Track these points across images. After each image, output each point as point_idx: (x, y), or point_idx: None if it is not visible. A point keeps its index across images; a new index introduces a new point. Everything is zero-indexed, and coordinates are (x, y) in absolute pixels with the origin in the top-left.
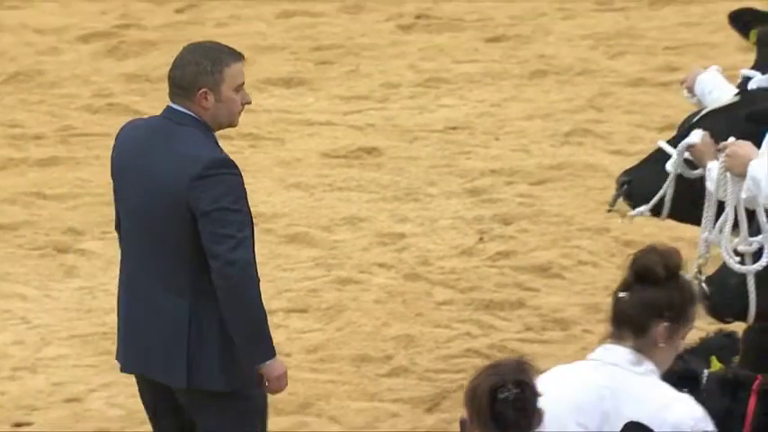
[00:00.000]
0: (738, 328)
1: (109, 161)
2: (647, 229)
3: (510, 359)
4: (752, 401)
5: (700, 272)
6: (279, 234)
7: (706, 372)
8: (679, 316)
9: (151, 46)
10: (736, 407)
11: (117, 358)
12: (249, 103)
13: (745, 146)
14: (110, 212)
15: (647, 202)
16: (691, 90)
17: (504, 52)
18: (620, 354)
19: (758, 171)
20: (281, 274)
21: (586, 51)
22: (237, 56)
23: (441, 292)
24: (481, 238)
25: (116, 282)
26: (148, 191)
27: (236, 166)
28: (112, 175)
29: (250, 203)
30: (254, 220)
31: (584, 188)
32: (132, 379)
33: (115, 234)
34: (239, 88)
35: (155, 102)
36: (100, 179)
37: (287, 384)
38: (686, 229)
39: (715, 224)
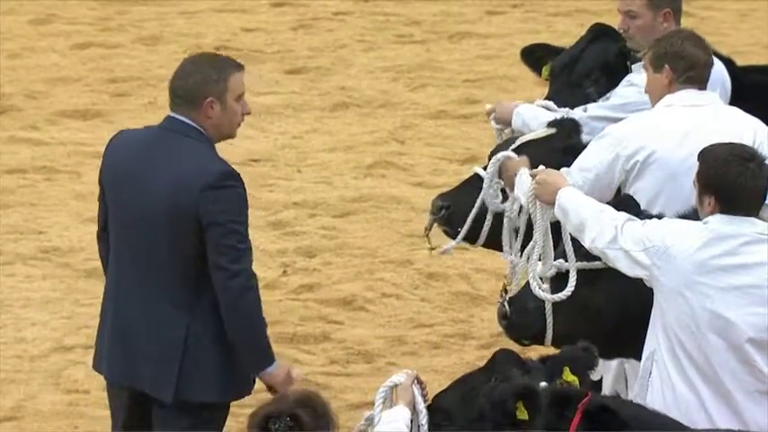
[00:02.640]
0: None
1: None
2: (449, 261)
3: (296, 392)
4: (575, 420)
5: (505, 291)
6: (76, 269)
7: (543, 384)
8: None
9: None
10: (560, 425)
11: (97, 368)
12: (249, 113)
13: (555, 175)
14: None
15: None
16: (500, 121)
17: (305, 84)
18: None
19: (566, 201)
20: (78, 310)
21: (388, 84)
22: (239, 66)
23: None
24: (285, 272)
25: None
26: (151, 200)
27: (242, 180)
28: (104, 182)
29: (45, 239)
30: (49, 255)
31: (388, 220)
32: None
33: None
34: (240, 98)
35: None
36: None
37: (293, 382)
38: (487, 261)
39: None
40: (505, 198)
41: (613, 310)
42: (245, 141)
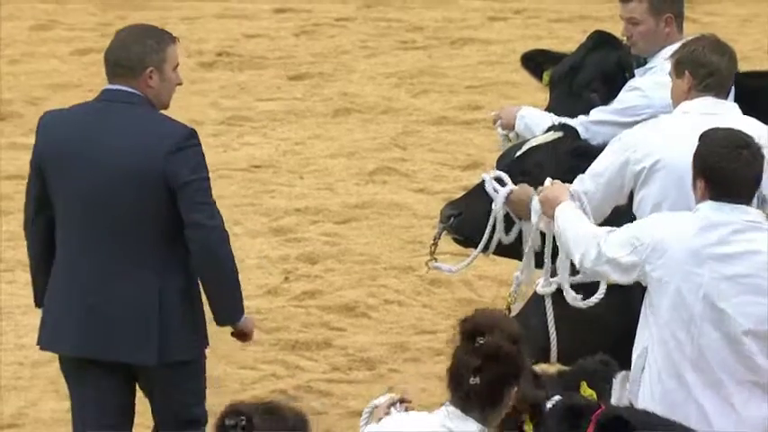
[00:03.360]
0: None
1: None
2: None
3: (267, 399)
4: (589, 431)
5: (509, 309)
6: None
7: (556, 398)
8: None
9: None
10: None
11: (52, 346)
12: (181, 83)
13: (557, 188)
14: None
15: (476, 234)
16: (506, 127)
17: (308, 90)
18: None
19: (559, 220)
20: None
21: (390, 90)
22: (174, 37)
23: None
24: (287, 278)
25: None
26: (107, 172)
27: (198, 136)
28: (46, 163)
29: None
30: None
31: (390, 227)
32: None
33: None
34: (176, 68)
35: None
36: None
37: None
38: (489, 268)
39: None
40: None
41: (619, 323)
42: (246, 148)
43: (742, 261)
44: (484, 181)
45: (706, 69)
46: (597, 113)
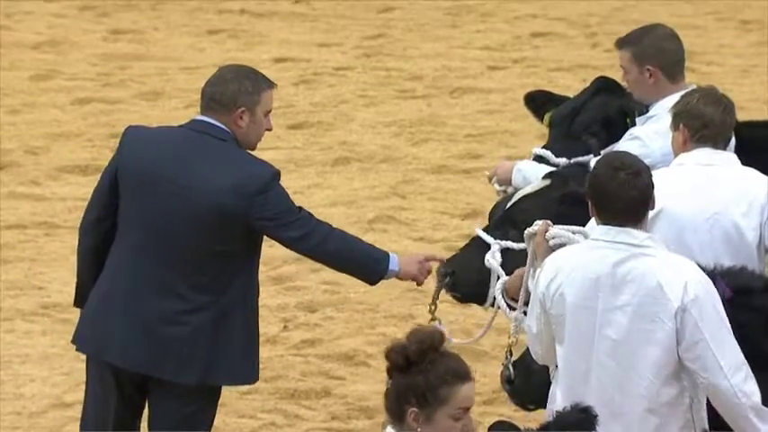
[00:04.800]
0: None
1: None
2: (451, 316)
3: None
4: None
5: (510, 353)
6: (76, 324)
7: None
8: (426, 400)
9: None
10: None
11: (92, 351)
12: (271, 129)
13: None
14: None
15: (471, 289)
16: (503, 182)
17: (307, 139)
18: None
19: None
20: (78, 365)
21: (389, 138)
22: (271, 83)
23: None
24: (286, 327)
25: None
26: (190, 199)
27: (280, 176)
28: (127, 177)
29: (45, 294)
30: (49, 311)
31: None
32: None
33: None
34: (268, 113)
35: None
36: None
37: (430, 267)
38: (488, 316)
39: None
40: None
41: None
42: None
43: (629, 289)
44: (476, 236)
45: (700, 121)
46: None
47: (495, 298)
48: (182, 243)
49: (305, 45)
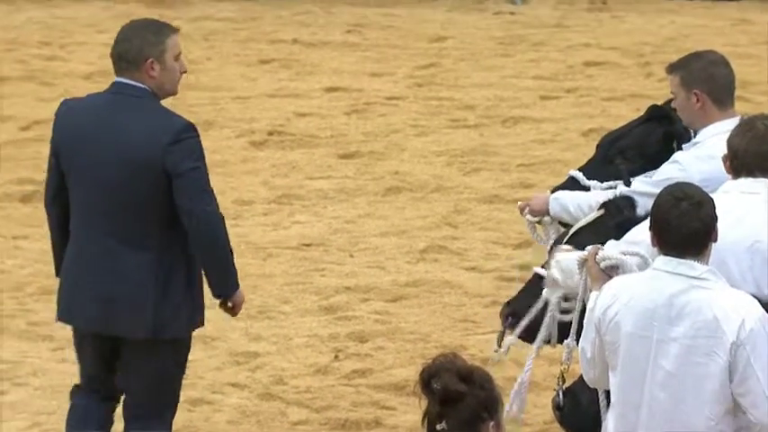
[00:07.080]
0: None
1: None
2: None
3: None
4: None
5: (563, 379)
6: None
7: None
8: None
9: None
10: None
11: (66, 319)
12: (186, 71)
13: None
14: None
15: (532, 332)
16: (536, 213)
17: (359, 169)
18: None
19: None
20: None
21: (441, 168)
22: (174, 28)
23: (296, 412)
24: (336, 356)
25: None
26: (116, 159)
27: (197, 129)
28: (61, 148)
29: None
30: None
31: (441, 305)
32: None
33: None
34: (178, 57)
35: None
36: None
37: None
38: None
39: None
40: None
41: None
42: (297, 226)
43: (685, 321)
44: (535, 274)
45: (731, 152)
46: (638, 184)
47: (542, 340)
48: (115, 202)
49: (357, 75)
